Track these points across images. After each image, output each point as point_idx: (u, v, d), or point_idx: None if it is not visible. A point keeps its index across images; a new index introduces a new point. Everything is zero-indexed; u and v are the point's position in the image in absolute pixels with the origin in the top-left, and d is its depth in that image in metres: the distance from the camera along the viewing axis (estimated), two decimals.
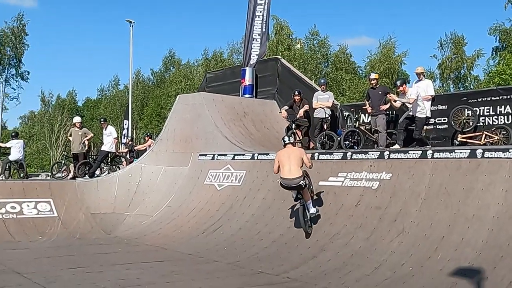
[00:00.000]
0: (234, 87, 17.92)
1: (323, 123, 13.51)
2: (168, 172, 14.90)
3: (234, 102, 16.19)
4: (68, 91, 66.11)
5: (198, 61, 53.62)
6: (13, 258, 10.09)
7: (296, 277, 8.49)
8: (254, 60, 17.80)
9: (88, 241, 12.57)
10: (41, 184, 14.67)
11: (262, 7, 18.00)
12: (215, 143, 14.48)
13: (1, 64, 52.24)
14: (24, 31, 52.82)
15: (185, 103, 16.05)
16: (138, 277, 8.47)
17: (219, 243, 11.09)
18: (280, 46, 43.61)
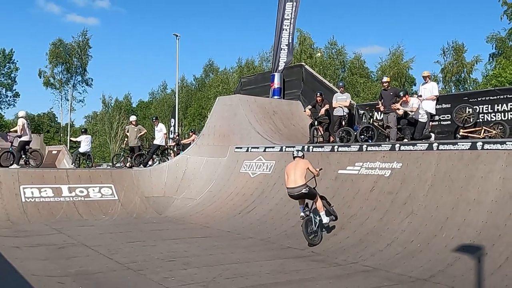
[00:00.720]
0: (264, 90, 17.91)
1: (341, 120, 13.45)
2: (209, 162, 14.99)
3: (265, 103, 16.17)
4: (125, 94, 67.02)
5: (233, 68, 53.76)
6: (82, 234, 10.29)
7: (319, 252, 8.47)
8: (282, 67, 17.74)
9: (143, 220, 12.75)
10: (104, 172, 14.91)
11: (288, 21, 17.92)
12: (249, 137, 14.50)
13: (70, 72, 53.43)
14: (88, 44, 53.89)
15: (223, 103, 16.11)
16: (185, 250, 8.57)
17: (253, 222, 11.13)
18: (303, 55, 43.34)
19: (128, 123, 18.55)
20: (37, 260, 7.57)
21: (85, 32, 54.08)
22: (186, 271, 6.99)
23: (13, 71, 51.69)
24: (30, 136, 14.66)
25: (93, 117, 63.00)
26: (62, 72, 53.53)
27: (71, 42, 53.09)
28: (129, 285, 6.23)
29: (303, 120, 15.73)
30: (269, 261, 7.79)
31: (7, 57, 51.19)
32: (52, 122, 65.48)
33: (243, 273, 6.92)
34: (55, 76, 53.41)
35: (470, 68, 41.92)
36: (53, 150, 36.94)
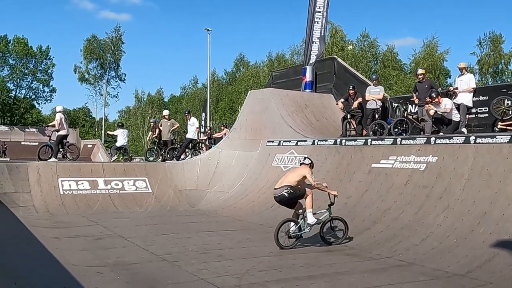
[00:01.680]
0: (296, 83, 17.85)
1: (374, 113, 13.28)
2: (241, 156, 15.07)
3: (296, 96, 16.12)
4: (157, 89, 68.27)
5: (263, 62, 53.69)
6: (118, 225, 10.53)
7: (353, 246, 8.43)
8: (314, 60, 17.62)
9: (177, 212, 12.94)
10: (138, 166, 15.18)
11: (320, 14, 17.77)
12: (280, 131, 14.49)
13: (103, 68, 54.54)
14: (121, 40, 54.88)
15: (255, 97, 16.15)
16: (219, 243, 8.67)
17: (285, 215, 11.09)
18: (334, 48, 42.88)
19: (161, 117, 18.82)
20: (76, 251, 7.80)
21: (118, 28, 55.13)
22: (220, 263, 7.08)
23: (50, 67, 53.12)
24: (67, 130, 15.07)
25: (126, 111, 64.20)
26: (96, 67, 54.70)
27: (105, 38, 54.21)
28: (165, 276, 6.35)
29: (335, 113, 15.62)
30: (302, 255, 7.80)
31: (44, 53, 52.59)
32: (87, 116, 67.18)
33: (277, 266, 6.96)
34: (90, 71, 54.64)
35: (508, 59, 40.66)
36: (88, 144, 37.94)
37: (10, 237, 8.27)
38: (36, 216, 11.50)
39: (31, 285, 4.83)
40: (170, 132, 17.09)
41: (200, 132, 23.36)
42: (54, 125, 14.88)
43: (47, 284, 5.37)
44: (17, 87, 52.02)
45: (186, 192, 14.50)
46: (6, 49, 50.12)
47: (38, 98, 54.02)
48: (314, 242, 8.77)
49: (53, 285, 5.44)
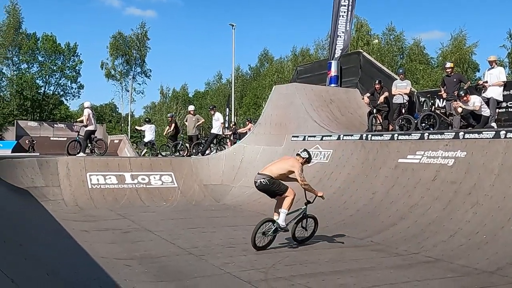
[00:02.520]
0: (321, 78, 17.75)
1: (401, 108, 13.13)
2: (266, 151, 15.08)
3: (321, 91, 16.03)
4: (181, 85, 68.61)
5: (287, 57, 53.49)
6: (145, 219, 10.68)
7: (379, 241, 8.36)
8: (339, 54, 17.49)
9: (202, 207, 13.05)
10: (164, 160, 15.35)
11: (345, 8, 17.62)
12: (305, 126, 14.44)
13: (129, 64, 55.25)
14: (146, 36, 55.49)
15: (280, 92, 16.12)
16: (244, 237, 8.66)
17: (310, 211, 11.07)
18: (359, 42, 42.42)
19: (187, 112, 18.98)
20: (105, 244, 7.96)
21: (143, 24, 55.76)
22: (246, 257, 7.13)
23: (78, 64, 54.03)
24: (95, 126, 15.36)
25: (152, 107, 64.85)
26: (122, 64, 55.46)
27: (130, 35, 54.87)
28: (191, 269, 6.43)
29: (361, 108, 15.49)
30: (328, 250, 7.79)
31: (72, 50, 53.56)
32: (113, 112, 68.18)
33: (302, 260, 6.97)
34: (116, 68, 55.41)
35: None
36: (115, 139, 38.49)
37: (43, 230, 8.49)
38: (65, 209, 11.76)
39: (63, 277, 4.95)
40: (195, 128, 17.22)
41: (224, 127, 23.51)
42: (82, 121, 15.17)
43: (78, 276, 5.50)
44: (46, 84, 53.18)
45: (211, 187, 14.60)
46: (36, 47, 51.23)
47: (66, 94, 55.12)
48: (339, 237, 8.74)
49: (84, 277, 5.57)
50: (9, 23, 48.72)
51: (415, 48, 44.47)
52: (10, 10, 49.05)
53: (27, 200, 11.54)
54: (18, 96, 49.33)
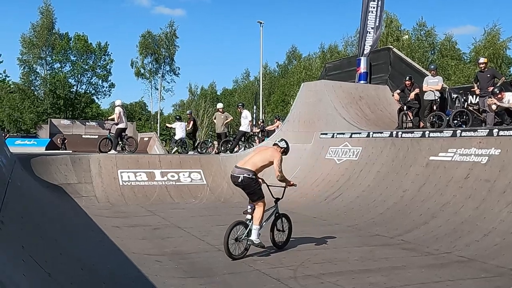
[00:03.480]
0: (350, 75, 17.60)
1: (432, 105, 12.89)
2: (294, 148, 14.84)
3: (350, 88, 15.90)
4: (210, 83, 69.16)
5: (315, 54, 53.17)
6: (174, 216, 10.81)
7: (410, 240, 8.23)
8: (368, 50, 17.31)
9: (231, 204, 13.10)
10: (193, 158, 15.48)
11: (375, 3, 17.42)
12: (334, 123, 14.35)
13: (158, 63, 55.88)
14: (175, 35, 55.98)
15: (308, 89, 16.06)
16: None
17: (339, 208, 11.05)
18: (389, 38, 41.80)
19: (215, 110, 19.10)
20: (136, 239, 8.10)
21: (172, 23, 56.23)
22: (275, 255, 7.14)
23: (108, 63, 54.97)
24: (126, 124, 15.62)
25: (180, 105, 65.48)
26: (152, 62, 56.11)
27: (159, 34, 55.47)
28: (221, 266, 6.48)
29: (391, 105, 15.29)
30: (357, 248, 7.72)
31: (103, 49, 54.50)
32: (143, 110, 69.16)
33: (331, 258, 6.93)
34: (145, 66, 56.14)
35: None
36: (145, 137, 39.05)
37: (76, 226, 8.69)
38: (97, 206, 12.01)
39: (97, 271, 5.06)
40: (224, 125, 17.31)
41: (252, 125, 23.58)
42: (113, 119, 15.46)
43: (111, 271, 5.62)
44: (78, 83, 54.26)
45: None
46: (68, 46, 52.36)
47: (97, 93, 56.11)
48: (369, 235, 8.66)
49: (117, 272, 5.69)
50: (42, 23, 49.93)
51: (447, 44, 43.53)
52: (44, 11, 50.27)
53: (61, 196, 11.83)
54: (51, 95, 50.53)
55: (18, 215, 4.24)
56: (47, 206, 8.34)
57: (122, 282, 5.34)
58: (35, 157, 13.16)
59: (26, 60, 49.94)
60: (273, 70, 59.51)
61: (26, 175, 11.24)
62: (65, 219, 8.61)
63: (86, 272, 4.36)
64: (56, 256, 4.01)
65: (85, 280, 4.16)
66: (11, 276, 2.21)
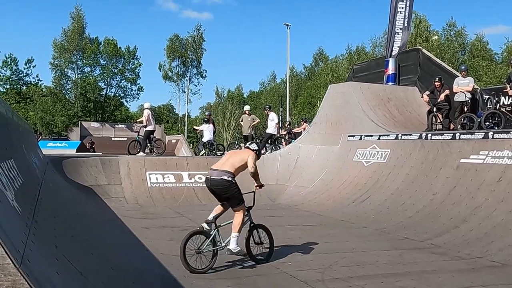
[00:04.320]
0: (378, 76, 17.42)
1: (463, 106, 12.63)
2: (321, 151, 14.98)
3: (378, 89, 15.73)
4: (236, 85, 69.39)
5: (342, 55, 52.82)
6: (202, 218, 10.57)
7: (440, 244, 8.08)
8: (396, 52, 17.10)
9: (257, 206, 12.88)
10: None
11: (403, 4, 17.20)
12: (362, 125, 14.22)
13: (186, 66, 56.41)
14: (202, 38, 56.42)
15: (336, 91, 15.97)
16: (300, 237, 8.69)
17: (367, 211, 10.93)
18: (418, 38, 41.18)
19: (242, 112, 19.17)
20: (164, 240, 8.19)
21: (199, 26, 56.75)
22: (302, 257, 7.11)
23: (137, 67, 55.80)
24: (154, 126, 15.84)
25: (207, 107, 65.92)
26: (179, 65, 56.68)
27: (187, 37, 56.03)
28: (248, 267, 6.50)
29: (420, 106, 15.06)
30: (386, 251, 7.62)
31: (132, 53, 55.33)
32: (170, 113, 69.95)
33: (360, 262, 6.86)
34: (173, 69, 56.76)
35: None
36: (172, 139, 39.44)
37: (106, 227, 8.85)
38: (126, 207, 12.20)
39: (126, 271, 5.15)
40: (251, 127, 17.36)
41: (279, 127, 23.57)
42: (142, 121, 15.68)
43: (140, 271, 5.70)
44: (107, 86, 55.23)
45: (267, 186, 14.37)
46: (98, 50, 53.38)
47: (126, 96, 56.93)
48: (397, 238, 8.54)
49: (146, 272, 5.76)
50: (73, 28, 51.03)
51: (478, 44, 42.58)
52: (75, 16, 51.38)
53: (91, 197, 12.07)
54: (82, 98, 51.58)
55: (51, 215, 4.35)
56: (78, 207, 8.52)
57: (150, 282, 5.41)
58: (67, 159, 13.48)
59: (57, 64, 51.12)
60: (300, 72, 59.48)
61: (58, 177, 11.52)
62: (95, 219, 8.78)
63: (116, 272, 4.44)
64: (87, 255, 4.10)
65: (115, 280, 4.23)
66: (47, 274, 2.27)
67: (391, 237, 8.80)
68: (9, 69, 51.94)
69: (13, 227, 2.23)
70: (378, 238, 8.77)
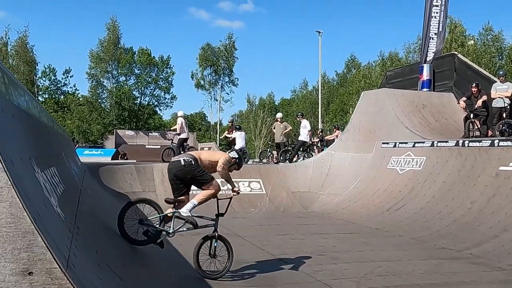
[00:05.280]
0: (412, 83, 17.18)
1: (502, 112, 12.32)
2: (354, 158, 14.84)
3: (413, 96, 15.50)
4: (268, 93, 69.56)
5: (375, 62, 52.28)
6: (235, 225, 10.90)
7: (479, 254, 7.85)
8: (431, 57, 16.83)
9: (290, 214, 13.08)
10: (252, 168, 15.61)
11: (438, 9, 16.93)
12: (396, 132, 14.02)
13: (218, 74, 56.94)
14: (234, 46, 56.85)
15: (369, 98, 15.82)
16: (334, 245, 8.61)
17: (402, 220, 10.75)
18: (453, 43, 40.39)
19: (274, 120, 19.20)
20: None
21: (231, 35, 57.21)
22: (336, 266, 7.04)
23: (170, 75, 56.71)
24: (187, 134, 16.04)
25: (239, 115, 66.28)
26: (211, 74, 57.25)
27: (219, 46, 56.60)
28: (282, 275, 6.48)
29: (456, 113, 14.75)
30: (423, 261, 7.46)
31: (165, 62, 56.31)
32: (203, 121, 70.66)
33: (396, 271, 6.74)
34: (205, 78, 57.38)
35: None
36: (205, 147, 39.79)
37: None
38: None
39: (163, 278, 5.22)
40: (283, 135, 17.36)
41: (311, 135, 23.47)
42: (175, 129, 15.91)
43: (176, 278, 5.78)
44: (141, 95, 56.28)
45: (299, 194, 14.61)
46: (133, 60, 54.56)
47: (160, 105, 57.88)
48: (434, 248, 8.36)
49: (182, 279, 5.84)
50: (109, 39, 52.33)
51: None
52: (110, 27, 52.72)
53: None
54: (117, 106, 52.74)
55: (91, 221, 4.46)
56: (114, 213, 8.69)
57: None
58: (103, 166, 13.77)
59: (94, 74, 52.47)
60: (332, 79, 59.15)
61: (95, 184, 11.79)
62: None
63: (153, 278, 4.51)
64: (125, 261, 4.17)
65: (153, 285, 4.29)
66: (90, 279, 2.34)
67: (427, 246, 8.61)
68: (48, 79, 53.70)
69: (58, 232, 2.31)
70: (414, 247, 8.60)
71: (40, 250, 1.80)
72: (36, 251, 1.80)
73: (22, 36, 47.77)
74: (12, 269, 1.77)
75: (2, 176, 1.82)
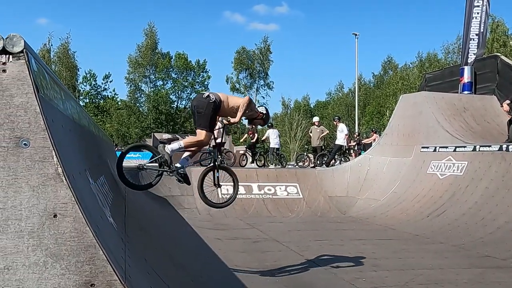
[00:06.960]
0: (452, 85, 16.82)
1: None
2: (392, 162, 14.64)
3: (453, 99, 15.17)
4: (303, 96, 69.31)
5: (413, 63, 51.38)
6: (272, 230, 10.97)
7: None
8: (472, 59, 16.44)
9: (328, 219, 13.04)
10: (289, 172, 15.64)
11: (479, 9, 16.52)
12: (436, 136, 13.76)
13: (253, 77, 57.29)
14: (269, 50, 57.16)
15: (407, 102, 15.59)
16: (373, 252, 8.52)
17: (443, 226, 10.53)
18: (495, 44, 39.26)
19: (311, 124, 19.16)
20: (237, 252, 8.34)
21: (266, 38, 57.53)
22: (376, 273, 6.98)
23: (206, 79, 57.43)
24: (224, 138, 16.18)
25: (274, 118, 66.30)
26: (246, 77, 57.67)
27: (254, 49, 56.93)
28: (321, 282, 6.47)
29: (499, 116, 14.35)
30: (465, 269, 7.30)
31: (201, 66, 57.10)
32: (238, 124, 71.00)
33: (438, 280, 6.62)
34: (240, 81, 57.82)
35: None
36: (240, 150, 40.03)
37: (184, 239, 9.15)
38: (199, 217, 12.55)
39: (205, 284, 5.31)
40: (320, 139, 17.31)
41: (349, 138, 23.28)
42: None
43: (218, 283, 5.87)
44: (178, 99, 57.28)
45: (336, 199, 14.53)
46: (170, 65, 55.58)
47: None
48: (477, 256, 8.16)
49: (223, 285, 5.92)
50: (147, 44, 53.54)
51: None
52: (148, 33, 53.89)
53: (166, 207, 12.54)
54: (154, 110, 53.80)
55: (137, 228, 4.60)
56: (156, 219, 8.89)
57: None
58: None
59: (132, 79, 53.78)
60: (368, 81, 58.48)
61: None
62: (174, 231, 9.11)
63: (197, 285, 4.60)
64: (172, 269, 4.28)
65: None
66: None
67: (470, 254, 8.41)
68: (88, 84, 55.36)
69: (114, 244, 2.42)
70: (456, 255, 8.41)
71: (101, 263, 1.90)
72: (98, 264, 1.91)
73: (64, 43, 49.60)
74: (76, 281, 1.88)
75: (67, 192, 1.94)
